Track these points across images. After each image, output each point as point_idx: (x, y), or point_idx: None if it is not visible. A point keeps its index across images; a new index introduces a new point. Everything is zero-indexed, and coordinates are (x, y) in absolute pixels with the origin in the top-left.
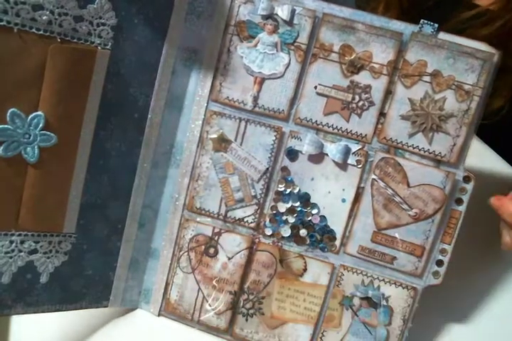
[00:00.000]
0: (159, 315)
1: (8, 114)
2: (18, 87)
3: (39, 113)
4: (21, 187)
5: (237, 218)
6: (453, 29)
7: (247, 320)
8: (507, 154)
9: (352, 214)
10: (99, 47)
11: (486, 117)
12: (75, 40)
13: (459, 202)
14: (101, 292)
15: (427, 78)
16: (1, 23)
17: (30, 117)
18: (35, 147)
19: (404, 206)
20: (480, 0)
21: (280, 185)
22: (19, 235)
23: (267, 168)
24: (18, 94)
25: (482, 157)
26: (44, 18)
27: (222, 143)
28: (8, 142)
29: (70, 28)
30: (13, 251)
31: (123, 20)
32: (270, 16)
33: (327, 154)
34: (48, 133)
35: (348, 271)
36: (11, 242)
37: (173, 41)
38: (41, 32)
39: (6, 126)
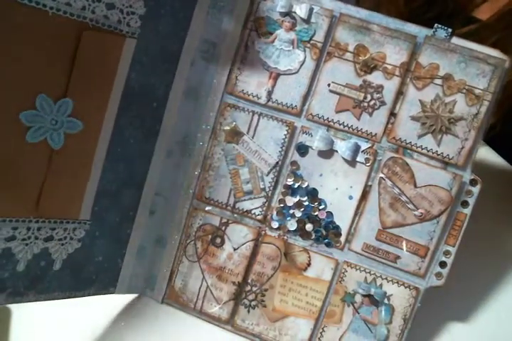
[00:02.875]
0: (162, 302)
1: (37, 99)
2: (48, 71)
3: (67, 99)
4: (44, 174)
5: (244, 210)
6: None
7: (248, 311)
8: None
9: (358, 212)
10: (127, 36)
11: None
12: (105, 28)
13: (465, 204)
14: (109, 278)
15: (438, 81)
16: (38, 7)
17: (58, 103)
18: (61, 133)
19: (410, 206)
20: (479, 13)
21: (289, 179)
22: (37, 222)
23: (277, 162)
24: (48, 79)
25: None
26: (78, 3)
27: (235, 135)
28: (35, 127)
29: (101, 15)
30: (29, 238)
31: (151, 10)
32: (288, 14)
33: (337, 151)
34: (75, 119)
35: (352, 268)
36: (28, 229)
37: (194, 33)
38: (75, 17)
39: (34, 111)
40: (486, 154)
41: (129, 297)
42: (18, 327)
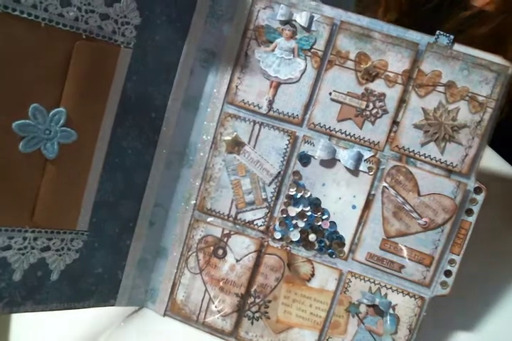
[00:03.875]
0: (164, 315)
1: (30, 109)
2: (41, 82)
3: (61, 109)
4: (39, 184)
5: (247, 220)
6: (453, 30)
7: (252, 323)
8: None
9: (361, 221)
10: (122, 46)
11: None
12: (99, 38)
13: (469, 212)
14: (108, 290)
15: (441, 88)
16: (30, 18)
17: (51, 113)
18: (55, 143)
19: (414, 214)
20: (476, 1)
21: (291, 189)
22: (33, 232)
23: (279, 172)
24: (41, 89)
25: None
26: (71, 14)
27: (236, 145)
28: (28, 137)
29: (95, 26)
30: (25, 247)
31: (146, 20)
32: (288, 22)
33: (339, 160)
34: (69, 129)
35: (356, 278)
36: (24, 239)
37: (192, 42)
38: (67, 28)
39: (27, 121)
40: (489, 158)
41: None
42: (18, 327)
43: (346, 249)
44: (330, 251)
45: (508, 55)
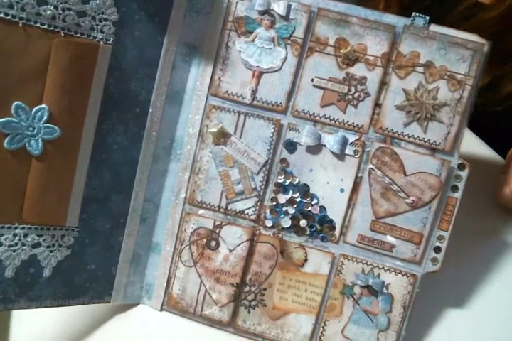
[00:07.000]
0: (161, 310)
1: (12, 107)
2: (22, 80)
3: (43, 106)
4: (25, 180)
5: (237, 210)
6: (461, 16)
7: (249, 312)
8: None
9: (350, 204)
10: (101, 42)
11: (498, 103)
12: (77, 35)
13: (455, 189)
14: (103, 287)
15: (420, 69)
16: (7, 18)
17: (34, 110)
18: (39, 140)
19: (402, 194)
20: None
21: (279, 177)
22: (23, 228)
23: (267, 160)
24: (23, 87)
25: (470, 145)
26: (48, 12)
27: (222, 136)
28: (12, 135)
29: (73, 23)
30: (16, 244)
31: (124, 16)
32: (267, 12)
33: (325, 145)
34: (52, 126)
35: (348, 260)
36: (15, 235)
37: (172, 37)
38: (45, 26)
39: (10, 118)
40: (473, 141)
41: None
42: (18, 327)
43: (337, 232)
44: (321, 235)
45: None
